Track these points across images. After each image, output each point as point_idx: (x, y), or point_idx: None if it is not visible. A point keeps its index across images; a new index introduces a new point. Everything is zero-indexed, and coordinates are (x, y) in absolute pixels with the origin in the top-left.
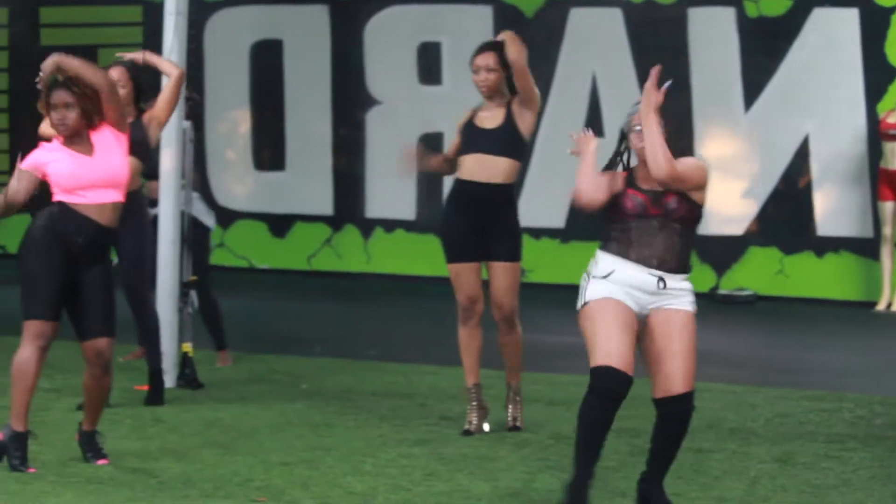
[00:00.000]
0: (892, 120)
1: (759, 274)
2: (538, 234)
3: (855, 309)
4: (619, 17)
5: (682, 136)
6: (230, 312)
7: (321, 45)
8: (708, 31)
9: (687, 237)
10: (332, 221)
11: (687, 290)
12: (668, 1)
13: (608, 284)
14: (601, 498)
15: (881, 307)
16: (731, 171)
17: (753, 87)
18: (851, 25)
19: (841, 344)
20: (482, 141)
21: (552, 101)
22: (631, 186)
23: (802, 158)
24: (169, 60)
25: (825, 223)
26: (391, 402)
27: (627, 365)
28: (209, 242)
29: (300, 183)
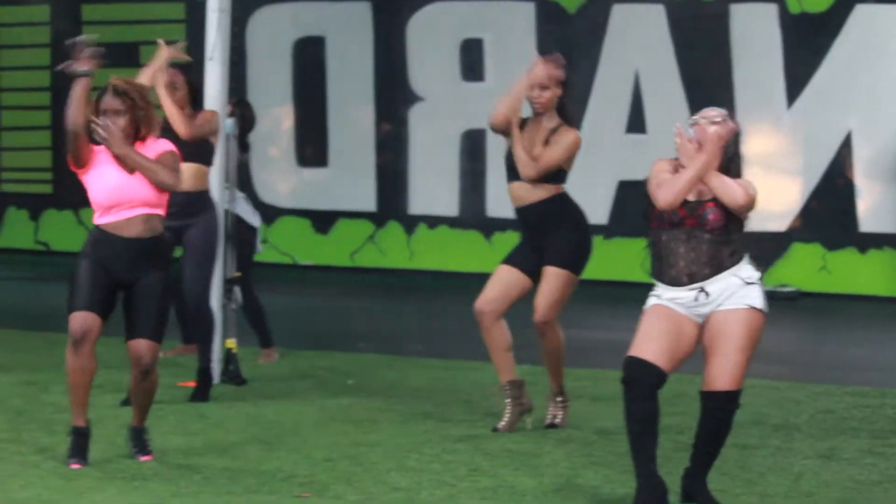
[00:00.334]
0: None
1: (801, 270)
2: None
3: None
4: (661, 13)
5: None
6: (273, 309)
7: (364, 41)
8: (750, 27)
9: (718, 242)
10: (375, 218)
11: (742, 284)
12: None
13: (665, 300)
14: None
15: None
16: (773, 167)
17: (796, 83)
18: (894, 21)
19: (884, 340)
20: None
21: (594, 98)
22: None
23: (845, 154)
24: (151, 69)
25: (868, 219)
26: (435, 398)
27: (656, 357)
28: (256, 242)
29: (343, 179)
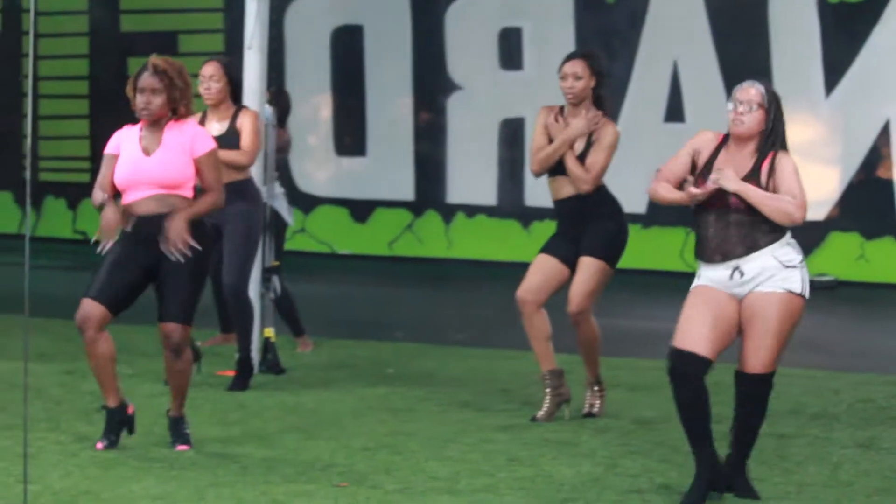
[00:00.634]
0: None
1: (839, 259)
2: None
3: None
4: (700, 2)
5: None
6: (311, 298)
7: (402, 30)
8: (789, 15)
9: (749, 221)
10: (413, 207)
11: (781, 267)
12: None
13: (705, 279)
14: (683, 481)
15: None
16: (811, 156)
17: (834, 71)
18: None
19: None
20: (559, 165)
21: (633, 87)
22: (703, 176)
23: (884, 143)
24: None
25: None
26: (473, 387)
27: (700, 346)
28: (285, 236)
29: (381, 168)
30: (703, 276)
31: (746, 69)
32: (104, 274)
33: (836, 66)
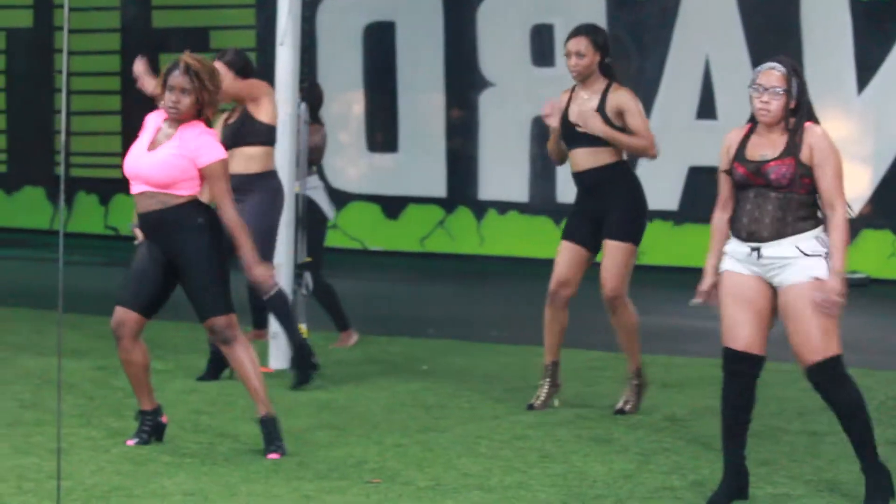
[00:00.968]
0: None
1: (871, 257)
2: (651, 216)
3: None
4: None
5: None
6: (343, 295)
7: (434, 26)
8: (821, 12)
9: (786, 203)
10: (445, 203)
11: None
12: None
13: (730, 258)
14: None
15: None
16: (843, 153)
17: (866, 69)
18: None
19: None
20: (577, 136)
21: (665, 83)
22: (736, 159)
23: None
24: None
25: None
26: (505, 383)
27: (750, 343)
28: (325, 232)
29: (413, 165)
30: (729, 251)
31: None
32: (131, 280)
33: (867, 63)
